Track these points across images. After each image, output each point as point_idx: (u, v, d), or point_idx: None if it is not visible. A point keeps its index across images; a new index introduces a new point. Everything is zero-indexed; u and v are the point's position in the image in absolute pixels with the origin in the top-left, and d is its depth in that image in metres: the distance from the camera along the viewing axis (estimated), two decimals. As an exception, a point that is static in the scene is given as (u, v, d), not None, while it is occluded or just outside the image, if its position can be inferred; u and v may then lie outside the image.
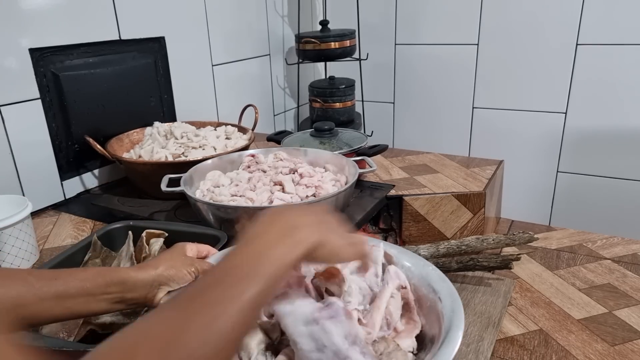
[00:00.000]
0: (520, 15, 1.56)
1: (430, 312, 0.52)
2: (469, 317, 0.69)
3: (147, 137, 1.11)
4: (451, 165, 1.20)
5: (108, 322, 0.57)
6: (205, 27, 1.39)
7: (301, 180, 0.84)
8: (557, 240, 0.99)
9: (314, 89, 1.68)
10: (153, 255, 0.67)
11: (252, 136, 1.13)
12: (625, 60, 1.45)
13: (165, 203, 1.01)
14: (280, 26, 1.77)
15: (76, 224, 0.96)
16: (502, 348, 0.66)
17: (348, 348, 0.43)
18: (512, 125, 1.68)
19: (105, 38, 1.10)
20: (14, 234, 0.77)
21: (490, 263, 0.76)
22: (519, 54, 1.60)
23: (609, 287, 0.80)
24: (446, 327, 0.48)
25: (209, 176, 0.88)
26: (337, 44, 1.60)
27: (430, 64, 1.77)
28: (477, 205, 1.03)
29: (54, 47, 1.00)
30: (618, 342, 0.67)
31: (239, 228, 0.45)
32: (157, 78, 1.25)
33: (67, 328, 0.57)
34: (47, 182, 1.03)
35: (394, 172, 1.17)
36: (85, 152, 1.07)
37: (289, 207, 0.49)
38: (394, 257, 0.58)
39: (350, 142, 1.09)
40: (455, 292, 0.52)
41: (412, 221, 1.04)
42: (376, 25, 1.81)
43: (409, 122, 1.89)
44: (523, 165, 1.69)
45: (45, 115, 1.00)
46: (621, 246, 0.94)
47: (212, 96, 1.47)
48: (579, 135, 1.58)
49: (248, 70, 1.62)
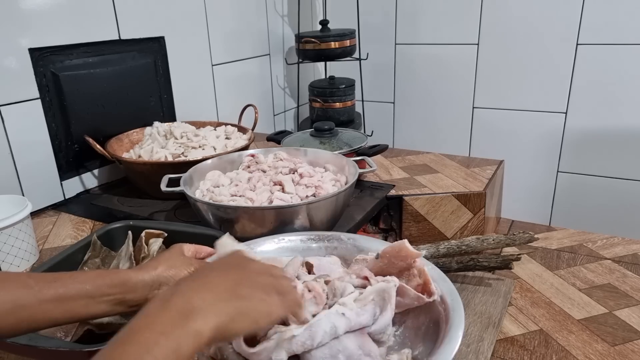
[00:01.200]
0: (520, 15, 1.56)
1: (431, 311, 0.52)
2: (469, 317, 0.69)
3: (147, 137, 1.11)
4: (451, 165, 1.20)
5: (105, 322, 0.57)
6: (205, 27, 1.39)
7: (301, 180, 0.83)
8: (558, 241, 0.99)
9: (314, 88, 1.68)
10: (152, 255, 0.67)
11: (252, 136, 1.13)
12: (625, 60, 1.45)
13: (165, 203, 1.01)
14: (280, 26, 1.77)
15: (76, 224, 0.96)
16: (502, 348, 0.66)
17: (361, 354, 0.44)
18: (512, 125, 1.68)
19: (105, 38, 1.10)
20: (14, 234, 0.77)
21: (490, 263, 0.76)
22: (519, 54, 1.60)
23: (609, 287, 0.80)
24: (446, 326, 0.47)
25: (208, 176, 0.88)
26: (337, 43, 1.60)
27: (430, 64, 1.77)
28: (477, 205, 1.03)
29: (54, 47, 1.00)
30: (618, 342, 0.66)
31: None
32: (157, 78, 1.25)
33: (64, 328, 0.57)
34: (46, 182, 1.03)
35: (394, 172, 1.17)
36: (85, 152, 1.07)
37: (199, 273, 0.43)
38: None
39: (350, 142, 1.09)
40: (455, 291, 0.52)
41: (412, 221, 1.04)
42: (376, 25, 1.81)
43: (409, 122, 1.89)
44: (523, 165, 1.69)
45: (45, 115, 1.00)
46: (621, 246, 0.94)
47: (212, 96, 1.47)
48: (579, 135, 1.58)
49: (248, 70, 1.62)
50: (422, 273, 0.53)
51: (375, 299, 0.49)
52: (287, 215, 0.73)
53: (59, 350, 0.50)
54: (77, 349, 0.51)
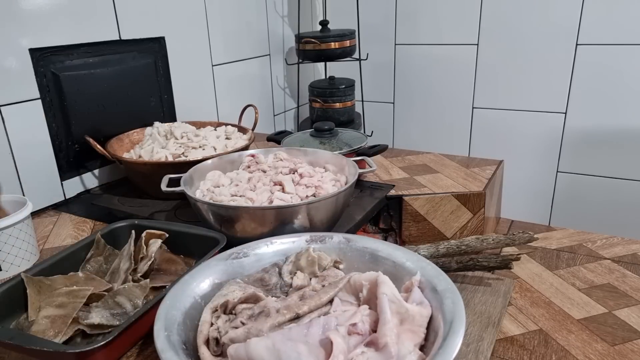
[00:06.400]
0: (520, 15, 1.56)
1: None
2: (469, 317, 0.69)
3: (147, 137, 1.11)
4: (451, 165, 1.20)
5: (97, 322, 0.57)
6: (205, 27, 1.39)
7: (301, 180, 0.84)
8: (557, 240, 0.99)
9: (314, 89, 1.68)
10: (150, 256, 0.67)
11: (252, 136, 1.13)
12: (625, 60, 1.45)
13: (165, 203, 1.01)
14: (280, 26, 1.77)
15: (76, 224, 0.96)
16: (502, 348, 0.66)
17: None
18: (512, 125, 1.68)
19: (105, 38, 1.10)
20: (14, 234, 0.77)
21: (490, 263, 0.76)
22: (519, 54, 1.60)
23: (609, 287, 0.80)
24: (448, 322, 0.47)
25: (209, 176, 0.88)
26: (337, 44, 1.60)
27: (430, 64, 1.77)
28: (477, 205, 1.03)
29: (54, 47, 1.00)
30: (618, 342, 0.67)
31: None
32: (157, 78, 1.25)
33: (55, 327, 0.57)
34: (47, 182, 1.03)
35: (394, 172, 1.17)
36: (86, 152, 1.07)
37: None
38: None
39: (350, 142, 1.09)
40: (455, 288, 0.52)
41: (412, 221, 1.04)
42: (376, 25, 1.81)
43: (409, 122, 1.89)
44: (523, 165, 1.69)
45: (45, 115, 1.00)
46: (621, 246, 0.94)
47: (212, 96, 1.47)
48: (579, 135, 1.58)
49: (248, 70, 1.62)
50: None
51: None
52: (287, 215, 0.74)
53: (43, 350, 0.50)
54: (62, 350, 0.51)
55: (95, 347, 0.50)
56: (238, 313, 0.53)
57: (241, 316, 0.51)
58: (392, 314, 0.48)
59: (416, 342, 0.48)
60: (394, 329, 0.47)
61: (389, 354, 0.45)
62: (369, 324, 0.49)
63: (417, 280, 0.54)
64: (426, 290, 0.54)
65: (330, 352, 0.43)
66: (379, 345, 0.45)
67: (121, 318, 0.59)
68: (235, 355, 0.46)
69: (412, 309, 0.49)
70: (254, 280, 0.60)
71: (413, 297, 0.52)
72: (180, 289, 0.56)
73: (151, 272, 0.68)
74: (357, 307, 0.52)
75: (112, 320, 0.58)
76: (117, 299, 0.60)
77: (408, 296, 0.52)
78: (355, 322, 0.47)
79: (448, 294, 0.51)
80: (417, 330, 0.49)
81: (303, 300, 0.53)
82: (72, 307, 0.58)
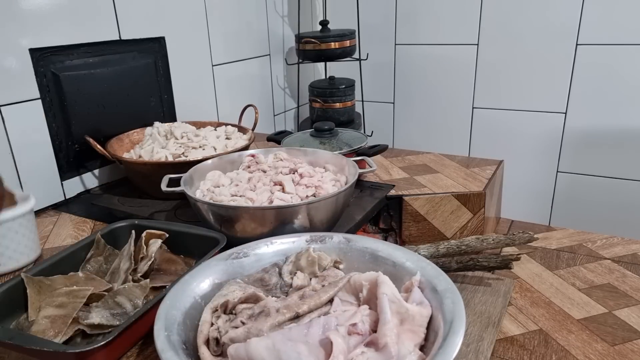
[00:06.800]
0: (520, 15, 1.56)
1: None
2: (469, 317, 0.69)
3: (147, 137, 1.11)
4: (451, 165, 1.20)
5: (97, 322, 0.57)
6: (205, 27, 1.39)
7: (301, 180, 0.84)
8: (557, 240, 0.99)
9: (314, 89, 1.68)
10: (150, 256, 0.67)
11: (252, 136, 1.13)
12: (625, 60, 1.45)
13: (165, 203, 1.01)
14: (280, 26, 1.77)
15: (76, 224, 0.96)
16: (502, 348, 0.66)
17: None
18: (512, 125, 1.68)
19: (105, 38, 1.10)
20: (15, 228, 0.77)
21: (490, 263, 0.76)
22: (519, 54, 1.60)
23: (609, 287, 0.80)
24: (448, 322, 0.47)
25: (209, 176, 0.88)
26: (337, 44, 1.60)
27: (430, 64, 1.77)
28: (477, 205, 1.03)
29: (54, 47, 1.00)
30: (618, 342, 0.67)
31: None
32: (157, 78, 1.25)
33: (56, 327, 0.57)
34: (47, 182, 1.03)
35: (394, 172, 1.17)
36: (86, 152, 1.07)
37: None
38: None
39: (350, 142, 1.09)
40: (455, 288, 0.52)
41: (412, 221, 1.04)
42: (376, 25, 1.81)
43: (409, 122, 1.89)
44: (523, 165, 1.69)
45: (45, 115, 1.00)
46: (621, 246, 0.94)
47: (212, 96, 1.47)
48: (579, 135, 1.58)
49: (248, 70, 1.62)
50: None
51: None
52: (287, 215, 0.74)
53: (43, 350, 0.50)
54: (62, 350, 0.51)
55: (95, 347, 0.50)
56: (238, 313, 0.53)
57: (241, 316, 0.51)
58: (392, 314, 0.48)
59: (416, 342, 0.48)
60: (394, 329, 0.47)
61: (389, 354, 0.45)
62: (369, 324, 0.49)
63: (417, 280, 0.54)
64: (426, 290, 0.53)
65: (330, 352, 0.43)
66: (379, 345, 0.45)
67: (121, 318, 0.59)
68: (235, 355, 0.46)
69: (412, 309, 0.49)
70: (254, 280, 0.60)
71: (413, 297, 0.52)
72: (180, 289, 0.56)
73: (151, 272, 0.68)
74: (357, 307, 0.52)
75: (112, 320, 0.58)
76: (117, 299, 0.60)
77: (408, 296, 0.52)
78: (355, 322, 0.47)
79: (448, 294, 0.51)
80: (417, 330, 0.49)
81: (303, 300, 0.53)
82: (72, 307, 0.58)
